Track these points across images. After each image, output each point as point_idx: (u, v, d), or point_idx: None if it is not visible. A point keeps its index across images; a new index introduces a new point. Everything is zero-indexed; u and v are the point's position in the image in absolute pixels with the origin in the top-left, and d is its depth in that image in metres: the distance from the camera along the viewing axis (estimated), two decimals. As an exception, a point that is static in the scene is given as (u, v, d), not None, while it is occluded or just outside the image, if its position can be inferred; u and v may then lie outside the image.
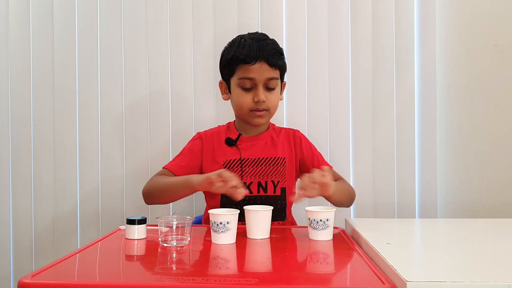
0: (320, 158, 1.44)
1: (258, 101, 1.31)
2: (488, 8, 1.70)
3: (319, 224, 1.07)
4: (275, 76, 1.33)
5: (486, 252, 0.98)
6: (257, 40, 1.33)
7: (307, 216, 1.09)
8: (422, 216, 1.70)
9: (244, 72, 1.31)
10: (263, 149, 1.39)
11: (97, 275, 0.86)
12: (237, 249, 1.02)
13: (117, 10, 1.76)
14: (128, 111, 1.76)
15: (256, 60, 1.30)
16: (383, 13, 1.71)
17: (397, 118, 1.71)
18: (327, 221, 1.07)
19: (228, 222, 1.03)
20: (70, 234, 1.77)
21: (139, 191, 1.75)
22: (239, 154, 1.37)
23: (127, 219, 1.11)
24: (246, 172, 1.35)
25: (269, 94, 1.34)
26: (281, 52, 1.36)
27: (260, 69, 1.30)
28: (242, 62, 1.31)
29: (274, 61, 1.31)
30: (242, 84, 1.32)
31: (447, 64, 1.71)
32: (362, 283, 0.82)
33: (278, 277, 0.84)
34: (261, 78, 1.31)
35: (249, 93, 1.33)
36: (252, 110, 1.34)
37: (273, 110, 1.37)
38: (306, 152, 1.42)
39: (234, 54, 1.33)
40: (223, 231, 1.03)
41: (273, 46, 1.34)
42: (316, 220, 1.07)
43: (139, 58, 1.75)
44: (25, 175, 1.79)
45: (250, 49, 1.31)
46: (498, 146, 1.70)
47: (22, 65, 1.79)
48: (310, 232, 1.09)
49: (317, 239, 1.08)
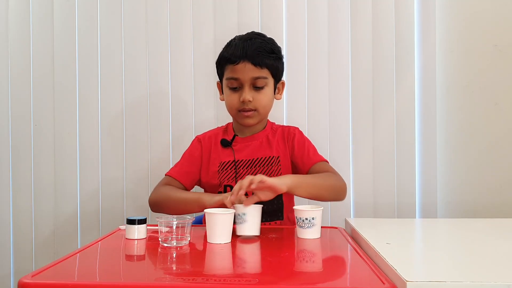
0: (312, 152, 1.38)
1: (243, 101, 1.30)
2: (488, 8, 1.70)
3: (305, 223, 1.08)
4: (262, 75, 1.31)
5: (486, 252, 0.98)
6: (244, 40, 1.32)
7: (295, 215, 1.11)
8: (422, 216, 1.70)
9: (230, 72, 1.32)
10: (258, 149, 1.38)
11: (97, 275, 0.86)
12: (236, 249, 1.02)
13: (117, 10, 1.76)
14: (128, 111, 1.76)
15: (239, 60, 1.29)
16: (383, 13, 1.71)
17: (397, 118, 1.71)
18: (312, 220, 1.08)
19: (245, 213, 1.06)
20: (70, 234, 1.77)
21: (139, 191, 1.76)
22: (233, 156, 1.37)
23: (127, 219, 1.11)
24: (241, 174, 1.34)
25: (257, 94, 1.32)
26: (270, 51, 1.32)
27: (244, 68, 1.29)
28: (228, 62, 1.31)
29: (258, 60, 1.29)
30: (230, 84, 1.33)
31: (447, 64, 1.71)
32: (362, 283, 0.82)
33: (278, 277, 0.84)
34: (245, 77, 1.30)
35: (236, 93, 1.32)
36: (239, 110, 1.33)
37: (262, 110, 1.34)
38: (297, 147, 1.38)
39: (222, 54, 1.35)
40: (241, 222, 1.07)
41: (259, 45, 1.31)
42: (302, 218, 1.08)
43: (139, 58, 1.75)
44: (25, 175, 1.79)
45: (235, 49, 1.31)
46: (498, 146, 1.70)
47: (22, 65, 1.79)
48: (298, 230, 1.10)
49: (304, 237, 1.09)
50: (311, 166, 1.34)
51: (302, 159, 1.36)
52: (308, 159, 1.35)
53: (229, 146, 1.38)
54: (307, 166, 1.35)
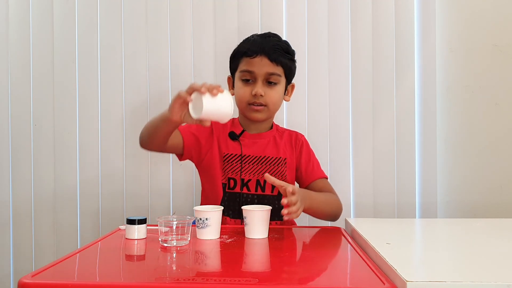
0: (316, 166, 1.43)
1: (255, 94, 1.31)
2: (488, 8, 1.70)
3: (199, 223, 1.10)
4: (276, 72, 1.33)
5: (486, 252, 0.98)
6: (263, 37, 1.37)
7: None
8: (422, 216, 1.70)
9: (245, 65, 1.34)
10: (265, 148, 1.39)
11: (97, 275, 0.86)
12: (236, 249, 1.02)
13: (117, 10, 1.75)
14: (128, 110, 1.76)
15: (256, 54, 1.31)
16: (383, 13, 1.71)
17: (397, 118, 1.71)
18: (206, 220, 1.09)
19: (207, 218, 1.08)
20: (70, 234, 1.77)
21: (139, 191, 1.76)
22: (241, 149, 1.37)
23: (127, 219, 1.11)
24: (246, 169, 1.35)
25: (269, 90, 1.33)
26: (286, 50, 1.36)
27: (260, 62, 1.31)
28: (244, 55, 1.34)
29: (275, 57, 1.32)
30: (243, 76, 1.34)
31: (447, 64, 1.71)
32: (362, 283, 0.82)
33: (277, 277, 0.84)
34: (260, 72, 1.32)
35: (249, 86, 1.34)
36: (249, 103, 1.34)
37: (272, 106, 1.36)
38: (304, 156, 1.42)
39: (239, 48, 1.37)
40: (203, 227, 1.09)
41: (277, 43, 1.35)
42: (197, 218, 1.10)
43: (139, 58, 1.75)
44: (25, 175, 1.78)
45: (253, 44, 1.34)
46: (498, 146, 1.70)
47: (22, 65, 1.79)
48: (196, 231, 1.12)
49: (200, 238, 1.10)
50: (313, 181, 1.40)
51: (306, 170, 1.40)
52: (312, 172, 1.40)
53: (236, 140, 1.38)
54: (310, 178, 1.40)
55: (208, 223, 1.09)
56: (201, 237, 1.10)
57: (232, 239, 1.09)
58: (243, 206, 1.13)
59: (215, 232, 1.11)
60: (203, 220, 1.09)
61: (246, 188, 1.34)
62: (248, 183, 1.34)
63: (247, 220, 1.10)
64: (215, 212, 1.11)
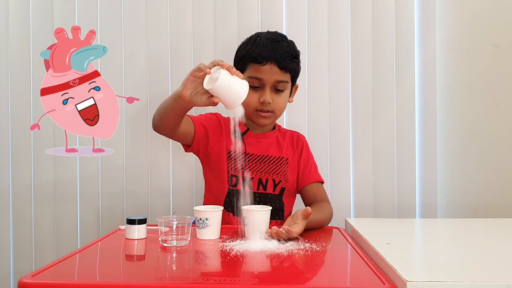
0: (313, 169, 1.43)
1: (263, 102, 1.31)
2: (488, 8, 1.70)
3: (199, 223, 1.10)
4: (284, 79, 1.32)
5: (486, 252, 0.98)
6: (272, 41, 1.32)
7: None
8: (422, 216, 1.70)
9: (253, 71, 1.31)
10: (268, 147, 1.39)
11: (97, 275, 0.86)
12: (237, 249, 1.02)
13: (117, 10, 1.75)
14: (128, 110, 1.76)
15: (267, 61, 1.29)
16: (383, 13, 1.70)
17: (397, 118, 1.71)
18: (206, 220, 1.10)
19: (207, 218, 1.09)
20: (70, 234, 1.77)
21: (139, 191, 1.76)
22: (245, 148, 1.37)
23: (127, 219, 1.11)
24: (249, 167, 1.36)
25: (276, 97, 1.33)
26: (295, 55, 1.34)
27: (270, 70, 1.30)
28: (254, 61, 1.30)
29: (285, 64, 1.30)
30: (251, 83, 1.30)
31: (447, 64, 1.71)
32: (362, 283, 0.82)
33: (277, 277, 0.84)
34: (269, 79, 1.30)
35: (257, 92, 1.32)
36: (257, 110, 1.33)
37: (279, 112, 1.37)
38: (304, 158, 1.42)
39: (247, 51, 1.33)
40: (203, 227, 1.09)
41: (287, 49, 1.32)
42: (197, 218, 1.11)
43: (139, 58, 1.75)
44: (25, 175, 1.78)
45: (263, 49, 1.30)
46: (498, 146, 1.70)
47: (22, 65, 1.78)
48: (196, 231, 1.12)
49: (200, 238, 1.10)
50: (309, 184, 1.40)
51: (304, 172, 1.41)
52: (308, 175, 1.41)
53: (240, 138, 1.38)
54: (306, 181, 1.40)
55: (208, 223, 1.09)
56: (201, 237, 1.10)
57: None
58: (243, 206, 1.13)
59: (215, 232, 1.11)
60: (203, 220, 1.09)
61: (248, 186, 1.34)
62: (250, 181, 1.35)
63: (246, 221, 1.10)
64: (215, 212, 1.11)
